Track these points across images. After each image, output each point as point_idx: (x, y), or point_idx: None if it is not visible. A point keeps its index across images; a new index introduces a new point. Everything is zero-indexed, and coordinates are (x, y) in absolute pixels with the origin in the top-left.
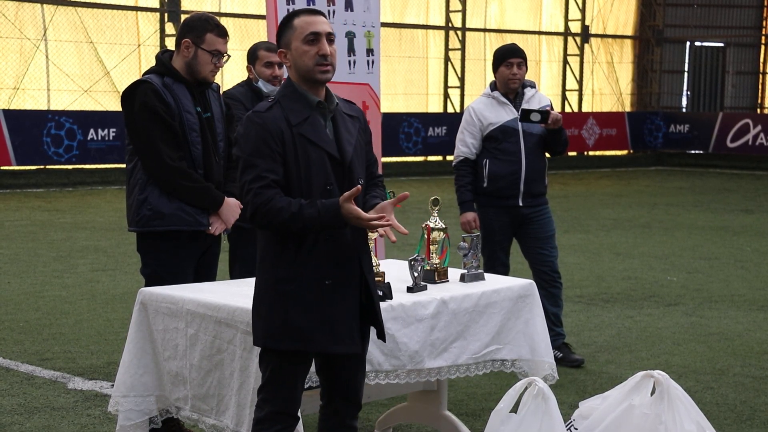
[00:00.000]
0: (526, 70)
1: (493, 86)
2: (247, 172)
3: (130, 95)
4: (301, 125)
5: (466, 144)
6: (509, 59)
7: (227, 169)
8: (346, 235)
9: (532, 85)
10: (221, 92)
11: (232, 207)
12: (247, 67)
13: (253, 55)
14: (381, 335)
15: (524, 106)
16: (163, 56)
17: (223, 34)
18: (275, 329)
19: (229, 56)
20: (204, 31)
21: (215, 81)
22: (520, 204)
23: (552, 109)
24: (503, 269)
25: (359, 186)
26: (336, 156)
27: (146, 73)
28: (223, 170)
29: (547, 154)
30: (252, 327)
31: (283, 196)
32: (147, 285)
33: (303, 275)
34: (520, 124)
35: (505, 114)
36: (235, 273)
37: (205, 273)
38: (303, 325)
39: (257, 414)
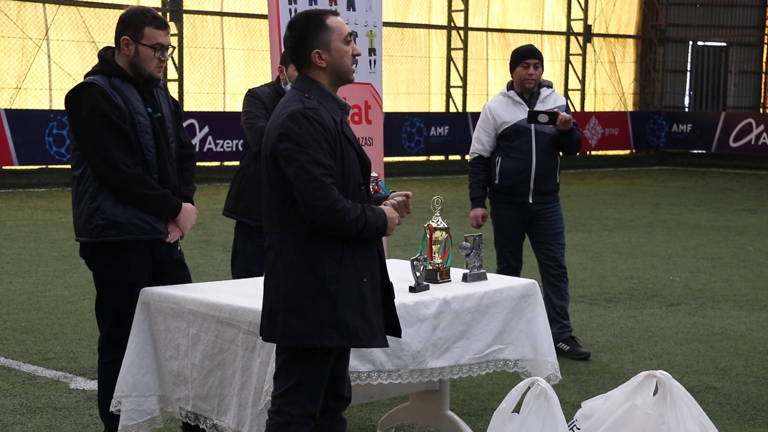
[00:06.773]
0: (542, 71)
1: (510, 86)
2: (312, 168)
3: (75, 98)
4: (341, 125)
5: (480, 141)
6: (526, 60)
7: (181, 171)
8: None
9: (549, 85)
10: (247, 90)
11: (189, 213)
12: (279, 68)
13: (286, 58)
14: (398, 332)
15: (537, 107)
16: (107, 54)
17: (162, 25)
18: (324, 328)
19: (174, 48)
20: (141, 25)
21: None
22: (530, 201)
23: (568, 110)
24: (514, 263)
25: (410, 193)
26: (361, 155)
27: (90, 73)
28: (177, 172)
29: (561, 153)
30: (277, 327)
31: None
32: (100, 297)
33: (347, 273)
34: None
35: (519, 113)
36: (235, 268)
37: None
38: (351, 323)
39: (280, 418)
